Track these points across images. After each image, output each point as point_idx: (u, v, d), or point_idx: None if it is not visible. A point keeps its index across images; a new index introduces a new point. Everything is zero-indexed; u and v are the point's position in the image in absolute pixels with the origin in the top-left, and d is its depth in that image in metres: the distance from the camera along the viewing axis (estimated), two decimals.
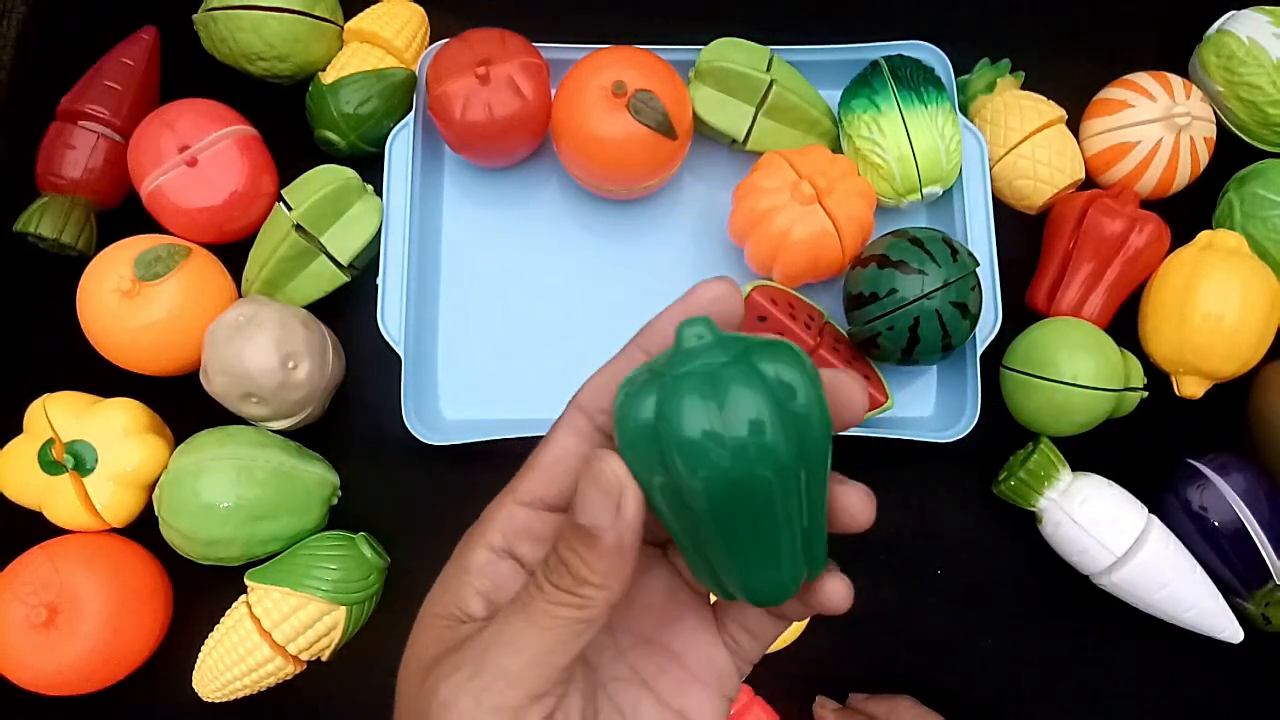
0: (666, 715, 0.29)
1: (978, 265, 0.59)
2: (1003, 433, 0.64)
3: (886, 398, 0.61)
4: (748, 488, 0.24)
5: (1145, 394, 0.62)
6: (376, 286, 0.63)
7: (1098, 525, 0.59)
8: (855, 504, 0.27)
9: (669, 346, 0.26)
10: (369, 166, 0.65)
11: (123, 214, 0.66)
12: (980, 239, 0.64)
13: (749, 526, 0.25)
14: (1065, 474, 0.61)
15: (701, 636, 0.30)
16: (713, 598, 0.30)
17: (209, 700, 0.58)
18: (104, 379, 0.62)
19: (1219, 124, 0.69)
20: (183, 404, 0.62)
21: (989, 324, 0.63)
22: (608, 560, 0.25)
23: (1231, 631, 0.59)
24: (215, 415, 0.61)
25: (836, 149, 0.67)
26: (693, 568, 0.27)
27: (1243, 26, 0.67)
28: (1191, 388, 0.63)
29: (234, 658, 0.57)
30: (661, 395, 0.24)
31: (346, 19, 0.68)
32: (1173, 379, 0.64)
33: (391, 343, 0.62)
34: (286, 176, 0.64)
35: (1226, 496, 0.60)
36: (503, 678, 0.25)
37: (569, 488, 0.28)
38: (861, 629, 0.62)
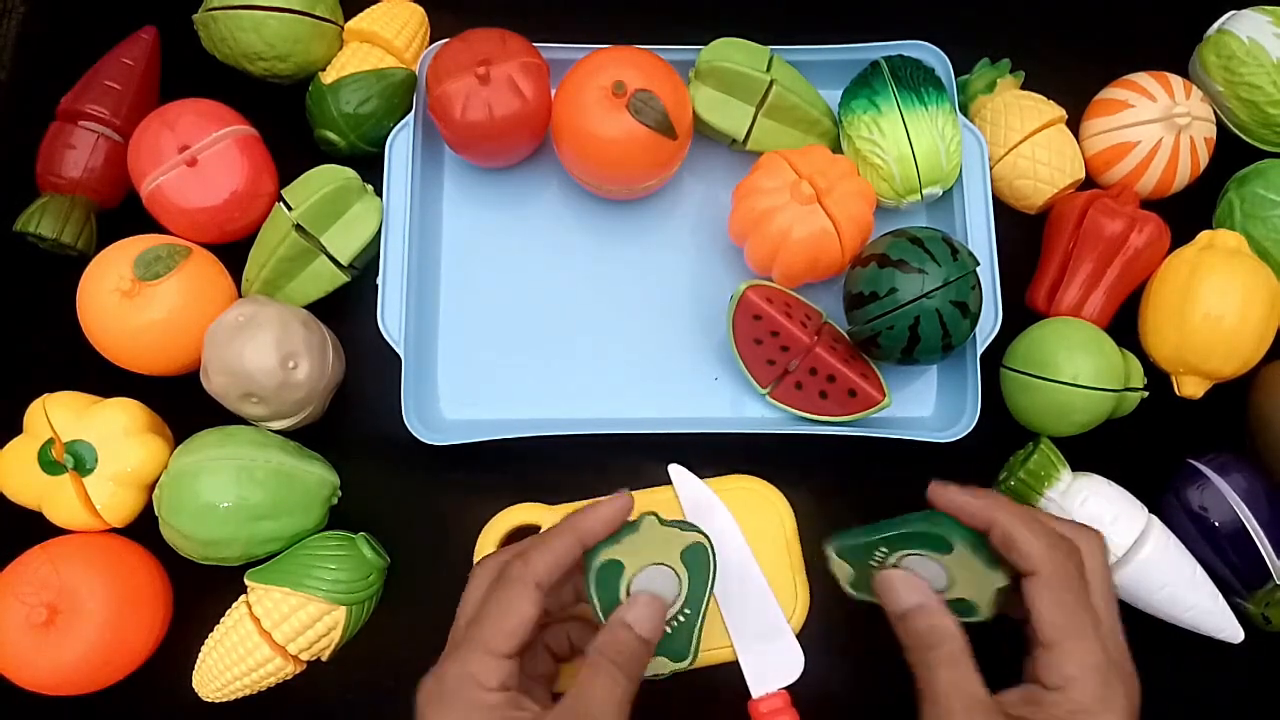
0: (532, 683, 0.47)
1: (978, 264, 0.59)
2: (1003, 433, 0.64)
3: (884, 395, 0.61)
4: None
5: (1145, 394, 0.62)
6: (376, 286, 0.63)
7: (1098, 525, 0.58)
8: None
9: (597, 538, 0.46)
10: (369, 166, 0.65)
11: (123, 214, 0.66)
12: (980, 239, 0.64)
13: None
14: (1065, 474, 0.61)
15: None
16: None
17: (209, 700, 0.58)
18: (104, 379, 0.62)
19: (1219, 124, 0.69)
20: (183, 404, 0.62)
21: (989, 324, 0.63)
22: (648, 654, 0.46)
23: (1231, 631, 0.59)
24: (215, 415, 0.61)
25: (836, 149, 0.67)
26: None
27: (1243, 26, 0.67)
28: (1191, 388, 0.63)
29: (234, 658, 0.57)
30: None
31: (346, 19, 0.69)
32: (1173, 379, 0.64)
33: (391, 343, 0.62)
34: (286, 176, 0.64)
35: (1226, 496, 0.60)
36: None
37: (527, 641, 0.42)
38: (862, 627, 0.62)
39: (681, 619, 0.47)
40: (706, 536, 0.47)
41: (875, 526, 0.47)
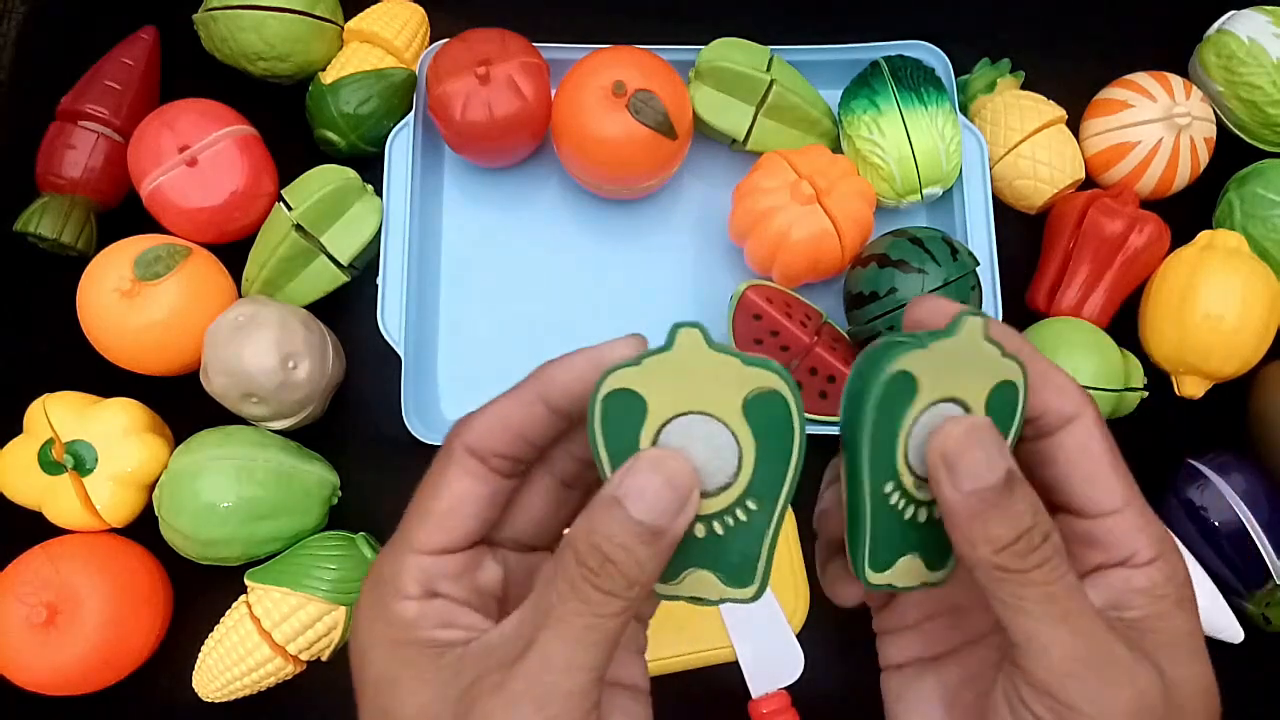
0: (611, 689, 0.29)
1: (978, 264, 0.59)
2: None
3: None
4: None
5: (1145, 394, 0.62)
6: (376, 286, 0.63)
7: None
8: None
9: (569, 394, 0.29)
10: (369, 166, 0.65)
11: (123, 214, 0.66)
12: (980, 239, 0.64)
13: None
14: None
15: None
16: None
17: (209, 700, 0.58)
18: (104, 379, 0.62)
19: (1219, 124, 0.69)
20: (183, 404, 0.62)
21: None
22: (661, 557, 0.25)
23: (1231, 632, 0.59)
24: (215, 415, 0.61)
25: (836, 149, 0.67)
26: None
27: (1243, 26, 0.67)
28: (1191, 388, 0.63)
29: (234, 658, 0.57)
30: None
31: (346, 19, 0.69)
32: (1173, 379, 0.64)
33: (391, 343, 0.62)
34: (286, 176, 0.64)
35: (1226, 496, 0.60)
36: (570, 700, 0.24)
37: (468, 531, 0.28)
38: (862, 627, 0.62)
39: (742, 515, 0.27)
40: (788, 380, 0.26)
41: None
